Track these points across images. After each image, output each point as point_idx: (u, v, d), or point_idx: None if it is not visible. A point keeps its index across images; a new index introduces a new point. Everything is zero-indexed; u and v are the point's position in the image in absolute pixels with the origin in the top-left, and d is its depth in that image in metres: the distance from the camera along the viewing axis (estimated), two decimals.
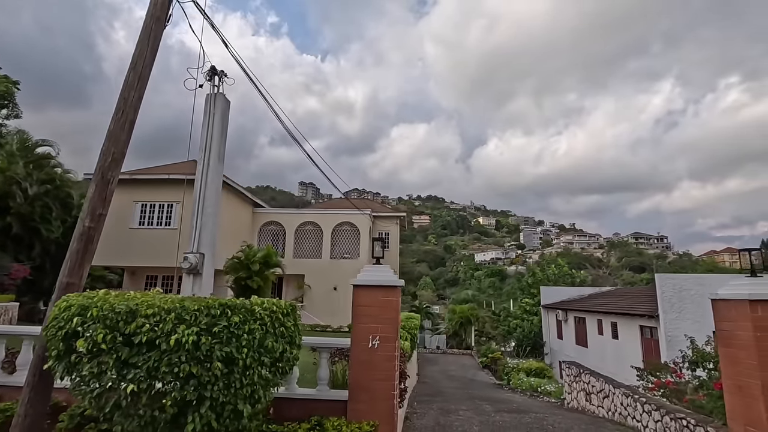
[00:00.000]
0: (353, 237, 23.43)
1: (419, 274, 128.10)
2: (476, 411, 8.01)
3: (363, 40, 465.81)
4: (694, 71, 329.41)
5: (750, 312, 4.40)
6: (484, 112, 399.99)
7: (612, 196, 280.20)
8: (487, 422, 7.12)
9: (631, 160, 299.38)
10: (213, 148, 5.89)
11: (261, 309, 3.51)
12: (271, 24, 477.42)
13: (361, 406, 4.40)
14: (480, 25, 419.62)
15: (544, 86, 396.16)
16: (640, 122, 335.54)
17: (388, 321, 4.54)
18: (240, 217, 21.72)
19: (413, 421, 7.10)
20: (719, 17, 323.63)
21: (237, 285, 16.95)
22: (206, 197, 5.77)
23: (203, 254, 5.59)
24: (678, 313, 14.75)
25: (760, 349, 4.31)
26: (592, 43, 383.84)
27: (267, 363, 3.47)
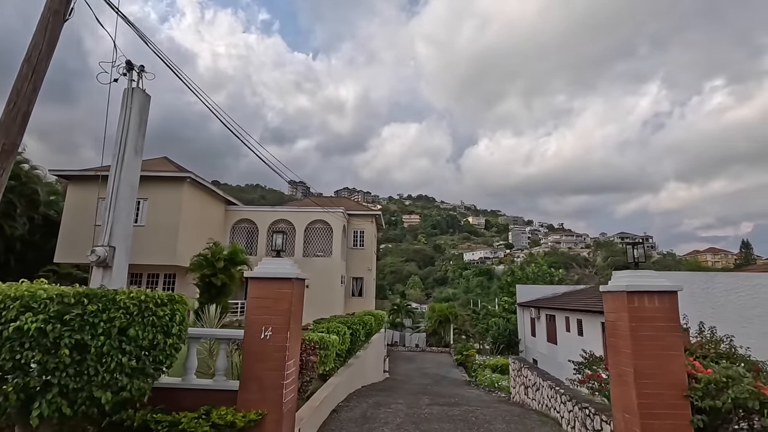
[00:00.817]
0: (326, 235, 23.46)
1: (408, 273, 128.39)
2: (410, 405, 8.13)
3: (354, 38, 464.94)
4: (680, 74, 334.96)
5: (627, 303, 4.56)
6: (474, 113, 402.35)
7: (600, 196, 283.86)
8: (413, 414, 7.24)
9: (619, 161, 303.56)
10: (129, 143, 5.91)
11: (126, 298, 3.57)
12: (262, 21, 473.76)
13: (252, 396, 4.47)
14: (471, 25, 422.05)
15: (533, 87, 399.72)
16: (628, 123, 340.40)
17: (281, 312, 4.61)
18: (210, 215, 21.62)
19: (340, 414, 7.19)
20: (705, 21, 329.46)
21: (202, 282, 16.89)
22: (120, 191, 5.78)
23: (114, 248, 5.60)
24: None
25: (634, 339, 4.48)
26: (580, 45, 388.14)
27: (131, 351, 3.52)
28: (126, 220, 5.87)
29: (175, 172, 19.05)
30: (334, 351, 7.20)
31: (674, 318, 4.54)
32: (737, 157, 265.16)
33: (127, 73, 5.96)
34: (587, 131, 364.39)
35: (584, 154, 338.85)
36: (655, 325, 4.49)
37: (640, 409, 4.33)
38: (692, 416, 4.25)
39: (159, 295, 3.89)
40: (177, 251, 18.43)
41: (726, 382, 4.18)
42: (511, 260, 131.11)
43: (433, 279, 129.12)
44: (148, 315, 3.70)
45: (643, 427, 4.28)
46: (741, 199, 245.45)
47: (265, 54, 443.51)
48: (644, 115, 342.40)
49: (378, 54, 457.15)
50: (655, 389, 4.35)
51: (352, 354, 9.64)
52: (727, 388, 4.12)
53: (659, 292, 4.56)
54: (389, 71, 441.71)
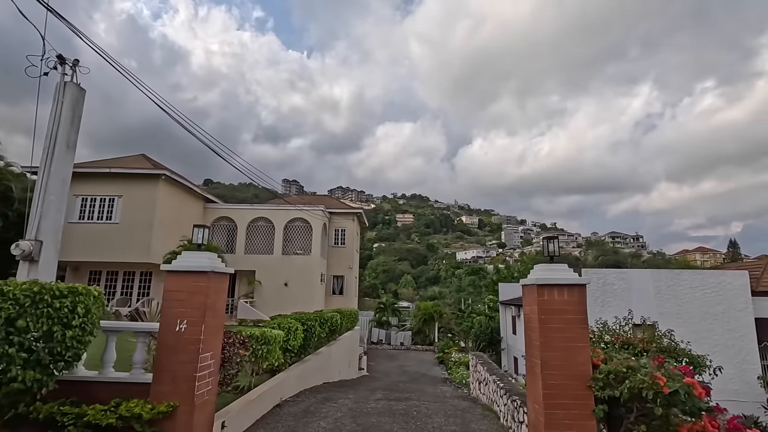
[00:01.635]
0: (306, 233, 23.45)
1: (401, 272, 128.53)
2: (359, 399, 8.18)
3: (349, 37, 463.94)
4: (671, 75, 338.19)
5: (537, 296, 4.64)
6: (468, 112, 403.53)
7: (593, 196, 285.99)
8: (356, 409, 7.30)
9: (611, 162, 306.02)
10: (61, 137, 5.89)
11: (17, 290, 3.58)
12: (256, 19, 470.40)
13: (164, 388, 4.49)
14: (465, 25, 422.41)
15: (526, 87, 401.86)
16: (620, 124, 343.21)
17: (197, 306, 4.63)
18: (188, 213, 21.52)
19: (283, 408, 7.23)
20: (694, 23, 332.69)
21: None
22: (49, 186, 5.75)
23: (41, 242, 5.58)
24: (601, 307, 15.20)
25: (542, 331, 4.56)
26: (573, 46, 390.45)
27: (20, 342, 3.54)
28: (56, 215, 5.84)
29: (150, 169, 18.96)
30: (277, 346, 7.22)
31: (582, 311, 4.61)
32: (727, 157, 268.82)
33: (59, 66, 5.94)
34: (580, 132, 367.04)
35: (577, 154, 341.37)
36: (563, 317, 4.56)
37: (545, 399, 4.41)
38: (595, 406, 4.34)
39: (58, 287, 3.90)
40: (151, 249, 18.35)
41: (626, 373, 4.26)
42: (503, 259, 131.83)
43: (426, 278, 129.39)
44: (43, 306, 3.71)
45: (547, 417, 4.36)
46: (730, 200, 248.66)
47: (259, 52, 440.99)
48: (636, 116, 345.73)
49: (372, 53, 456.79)
50: (561, 380, 4.43)
51: (309, 350, 9.66)
52: (626, 378, 4.21)
53: (569, 286, 4.63)
54: (383, 70, 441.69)
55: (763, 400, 13.37)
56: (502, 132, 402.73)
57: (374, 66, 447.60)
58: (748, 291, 14.80)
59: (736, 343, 14.44)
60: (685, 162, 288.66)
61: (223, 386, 5.29)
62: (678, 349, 7.93)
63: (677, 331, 15.27)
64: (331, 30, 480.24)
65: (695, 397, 4.01)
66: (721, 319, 14.61)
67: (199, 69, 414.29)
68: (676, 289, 14.93)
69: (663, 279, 15.11)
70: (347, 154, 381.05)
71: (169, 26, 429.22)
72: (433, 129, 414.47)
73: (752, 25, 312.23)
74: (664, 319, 14.97)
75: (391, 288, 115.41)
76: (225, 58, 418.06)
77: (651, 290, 14.99)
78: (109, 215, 18.79)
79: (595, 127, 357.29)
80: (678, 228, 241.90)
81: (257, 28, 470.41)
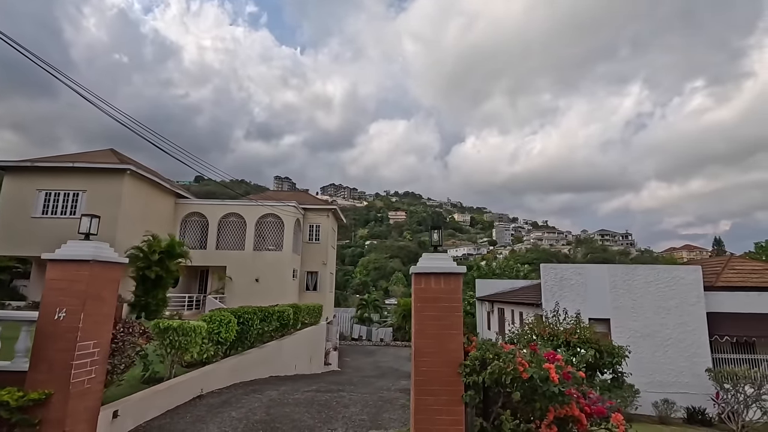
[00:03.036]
0: (277, 229, 23.43)
1: (392, 270, 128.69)
2: (287, 391, 8.23)
3: (342, 34, 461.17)
4: (661, 75, 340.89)
5: (415, 284, 4.71)
6: (462, 111, 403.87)
7: (584, 195, 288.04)
8: (277, 400, 7.35)
9: (602, 161, 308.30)
10: None
11: None
12: (249, 14, 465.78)
13: (40, 376, 4.51)
14: (457, 23, 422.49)
15: (518, 86, 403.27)
16: (611, 123, 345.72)
17: (76, 294, 4.65)
18: (157, 208, 21.40)
19: (204, 399, 7.28)
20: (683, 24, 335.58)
21: (137, 275, 16.80)
22: None
23: None
24: (559, 301, 15.37)
25: (418, 319, 4.64)
26: (564, 46, 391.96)
27: None
28: None
29: (115, 164, 18.82)
30: (198, 337, 7.24)
31: (457, 299, 4.69)
32: (715, 157, 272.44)
33: None
34: (572, 130, 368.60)
35: (568, 153, 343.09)
36: (438, 305, 4.63)
37: (415, 386, 4.49)
38: (464, 392, 4.42)
39: None
40: (116, 244, 18.14)
41: (491, 359, 4.35)
42: (493, 257, 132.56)
43: None
44: None
45: (417, 403, 4.44)
46: (719, 198, 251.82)
47: (252, 48, 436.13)
48: (627, 115, 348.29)
49: (366, 50, 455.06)
50: (432, 366, 4.50)
51: (247, 343, 9.69)
52: (489, 364, 4.29)
53: (445, 274, 4.70)
54: (377, 68, 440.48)
55: (712, 392, 13.63)
56: (495, 130, 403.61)
57: (368, 63, 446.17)
58: (700, 286, 15.05)
59: (687, 337, 14.69)
60: (674, 161, 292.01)
61: (114, 375, 5.31)
62: (600, 341, 8.09)
63: (632, 324, 15.58)
64: (324, 26, 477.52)
65: (550, 382, 4.10)
66: (674, 313, 14.86)
67: (191, 65, 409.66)
68: (631, 283, 15.14)
69: (618, 274, 15.31)
70: (340, 151, 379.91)
71: (161, 20, 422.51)
72: (427, 127, 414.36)
73: (739, 27, 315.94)
74: (619, 313, 15.27)
75: (382, 285, 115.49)
76: (217, 53, 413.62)
77: (606, 285, 15.19)
78: (74, 210, 18.65)
79: (586, 126, 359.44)
80: (668, 226, 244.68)
81: (250, 23, 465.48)
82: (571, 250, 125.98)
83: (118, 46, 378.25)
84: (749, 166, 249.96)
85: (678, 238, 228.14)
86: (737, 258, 21.56)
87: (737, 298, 15.50)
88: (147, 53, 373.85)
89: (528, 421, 4.44)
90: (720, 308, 15.33)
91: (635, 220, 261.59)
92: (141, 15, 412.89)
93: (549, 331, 8.29)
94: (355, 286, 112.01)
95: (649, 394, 14.10)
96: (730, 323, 14.98)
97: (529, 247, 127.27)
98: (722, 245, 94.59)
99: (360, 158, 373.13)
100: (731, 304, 15.42)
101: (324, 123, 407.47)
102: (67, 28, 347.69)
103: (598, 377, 8.77)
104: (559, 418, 4.46)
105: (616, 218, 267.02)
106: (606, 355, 8.03)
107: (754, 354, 15.69)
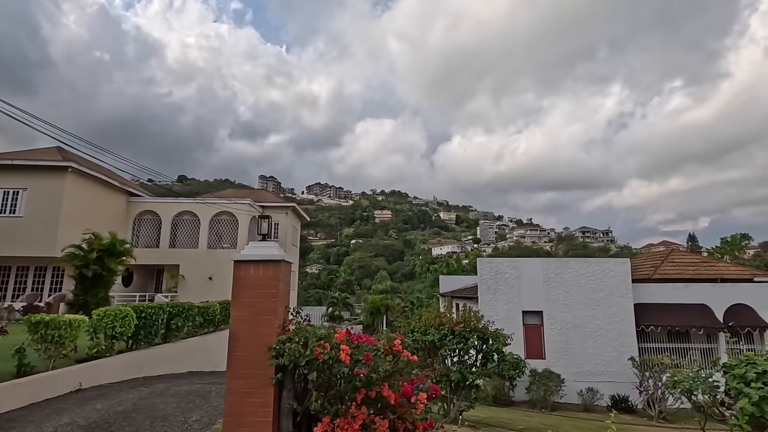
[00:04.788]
0: (232, 227, 23.36)
1: (376, 268, 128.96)
2: (174, 385, 8.30)
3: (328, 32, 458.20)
4: (640, 76, 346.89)
5: (235, 272, 4.83)
6: (447, 110, 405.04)
7: (568, 193, 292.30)
8: (159, 391, 7.42)
9: (585, 159, 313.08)
10: None
11: None
12: (234, 11, 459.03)
13: None
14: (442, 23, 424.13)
15: (501, 86, 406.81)
16: (594, 123, 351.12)
17: None
18: (106, 207, 21.13)
19: (85, 393, 7.30)
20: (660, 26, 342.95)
21: (76, 274, 16.62)
22: None
23: None
24: (493, 294, 15.71)
25: (236, 304, 4.75)
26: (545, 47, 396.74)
27: None
28: None
29: (56, 161, 18.55)
30: (77, 331, 7.26)
31: (275, 285, 4.82)
32: (692, 156, 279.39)
33: None
34: (555, 130, 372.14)
35: (552, 152, 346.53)
36: (256, 292, 4.76)
37: (229, 370, 4.60)
38: (274, 376, 4.56)
39: None
40: (57, 243, 17.96)
41: (298, 343, 4.49)
42: (477, 254, 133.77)
43: (402, 273, 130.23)
44: None
45: (229, 386, 4.54)
46: (696, 196, 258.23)
47: (236, 45, 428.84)
48: (609, 114, 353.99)
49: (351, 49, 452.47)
50: (246, 351, 4.62)
51: (152, 337, 9.69)
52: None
53: (264, 262, 4.83)
54: (363, 67, 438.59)
55: (637, 381, 14.07)
56: (480, 129, 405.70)
57: (353, 62, 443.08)
58: (628, 278, 15.49)
59: (615, 327, 15.12)
60: (654, 160, 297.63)
61: None
62: (488, 329, 8.34)
63: (563, 316, 15.95)
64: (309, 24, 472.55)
65: (341, 363, 4.26)
66: (604, 304, 15.27)
67: (174, 63, 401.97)
68: (564, 276, 15.50)
69: (551, 267, 15.67)
70: (327, 150, 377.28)
71: (143, 17, 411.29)
72: (414, 126, 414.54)
73: (715, 29, 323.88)
74: (552, 305, 15.64)
75: (366, 284, 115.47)
76: (201, 51, 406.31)
77: (540, 278, 15.53)
78: (13, 208, 18.34)
79: (569, 126, 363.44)
80: (650, 223, 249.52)
81: (235, 20, 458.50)
82: (552, 247, 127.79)
83: (99, 43, 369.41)
84: (724, 165, 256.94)
85: (659, 235, 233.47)
86: (678, 251, 22.24)
87: (665, 289, 16.02)
88: (129, 51, 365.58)
89: (343, 402, 4.60)
90: (649, 299, 15.83)
91: (618, 217, 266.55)
92: (122, 11, 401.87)
93: (439, 321, 8.51)
94: (339, 285, 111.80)
95: (577, 384, 14.49)
96: (657, 314, 15.46)
97: (512, 244, 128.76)
98: (696, 241, 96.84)
99: (347, 157, 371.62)
100: (660, 296, 15.93)
101: (310, 122, 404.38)
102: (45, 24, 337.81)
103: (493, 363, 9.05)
104: (371, 399, 4.64)
105: (599, 216, 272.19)
106: (491, 343, 8.27)
107: (689, 343, 16.24)
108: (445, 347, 8.08)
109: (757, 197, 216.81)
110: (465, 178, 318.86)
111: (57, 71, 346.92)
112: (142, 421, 5.78)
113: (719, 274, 18.49)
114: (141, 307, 9.25)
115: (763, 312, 15.45)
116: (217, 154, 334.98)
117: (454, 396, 8.31)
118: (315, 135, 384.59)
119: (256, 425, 4.51)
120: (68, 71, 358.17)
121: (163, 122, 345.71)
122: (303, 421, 4.75)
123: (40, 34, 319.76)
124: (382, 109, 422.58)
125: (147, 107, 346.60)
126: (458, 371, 7.86)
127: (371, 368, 4.42)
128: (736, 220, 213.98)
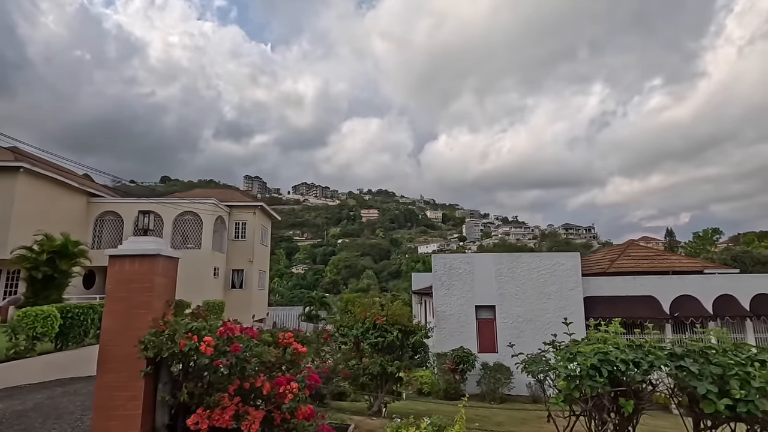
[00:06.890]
0: (196, 227, 23.14)
1: (362, 268, 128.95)
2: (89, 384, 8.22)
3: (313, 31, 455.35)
4: (620, 74, 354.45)
5: (110, 267, 4.84)
6: (433, 109, 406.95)
7: (552, 190, 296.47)
8: (72, 390, 7.38)
9: (569, 158, 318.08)
10: None
11: None
12: (218, 8, 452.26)
13: None
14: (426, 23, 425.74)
15: (485, 86, 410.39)
16: (577, 122, 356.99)
17: None
18: (63, 206, 20.72)
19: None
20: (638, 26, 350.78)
21: (26, 276, 16.29)
22: None
23: None
24: (447, 290, 15.89)
25: (110, 300, 4.76)
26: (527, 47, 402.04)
27: None
28: None
29: (7, 161, 18.14)
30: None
31: (149, 279, 4.83)
32: (671, 153, 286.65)
33: None
34: (539, 128, 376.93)
35: (537, 150, 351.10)
36: (129, 286, 4.77)
37: (99, 365, 4.61)
38: (145, 369, 4.58)
39: None
40: (9, 245, 17.58)
41: (167, 336, 4.53)
42: (462, 252, 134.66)
43: (388, 272, 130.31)
44: None
45: (99, 380, 4.57)
46: (676, 193, 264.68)
47: (221, 44, 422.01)
48: (591, 113, 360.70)
49: (336, 48, 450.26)
50: (117, 345, 4.63)
51: (82, 338, 9.59)
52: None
53: (139, 256, 4.84)
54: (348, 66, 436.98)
55: None
56: (466, 129, 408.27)
57: (338, 61, 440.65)
58: (578, 272, 15.82)
59: None
60: (635, 157, 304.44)
61: None
62: (407, 323, 8.50)
63: (516, 310, 16.21)
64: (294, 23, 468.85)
65: (201, 354, 4.31)
66: (554, 298, 15.57)
67: (157, 62, 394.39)
68: (515, 271, 15.77)
69: (504, 262, 15.91)
70: (313, 150, 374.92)
71: (123, 14, 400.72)
72: (400, 125, 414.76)
73: (692, 29, 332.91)
74: (504, 299, 15.88)
75: (352, 283, 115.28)
76: (185, 50, 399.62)
77: (492, 273, 15.76)
78: None
79: (553, 124, 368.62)
80: (633, 219, 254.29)
81: (219, 17, 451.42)
82: (536, 243, 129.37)
83: (79, 42, 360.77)
84: (701, 162, 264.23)
85: (641, 231, 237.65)
86: (635, 245, 22.77)
87: (614, 282, 16.42)
88: (110, 50, 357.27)
89: (211, 393, 4.64)
90: (599, 292, 16.21)
91: (602, 214, 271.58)
92: (102, 9, 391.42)
93: (363, 316, 8.62)
94: (325, 285, 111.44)
95: (527, 377, 14.74)
96: (606, 306, 15.83)
97: (497, 242, 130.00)
98: (673, 236, 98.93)
99: (333, 157, 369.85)
100: (610, 288, 16.32)
101: (296, 121, 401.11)
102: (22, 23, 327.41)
103: (420, 355, 9.22)
104: (245, 390, 4.69)
105: (583, 213, 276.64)
106: (411, 336, 8.41)
107: (643, 335, 16.65)
108: (367, 340, 8.19)
109: (733, 193, 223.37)
110: (452, 176, 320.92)
111: (36, 71, 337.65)
112: (35, 419, 5.75)
113: (671, 266, 19.04)
114: (68, 306, 9.14)
115: (707, 302, 15.96)
116: (202, 154, 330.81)
117: (379, 389, 8.43)
118: (301, 135, 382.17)
119: (126, 419, 4.53)
120: (48, 71, 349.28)
121: (147, 123, 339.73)
122: (180, 413, 4.78)
123: (16, 33, 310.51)
124: (369, 108, 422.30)
125: (129, 107, 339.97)
126: (378, 364, 7.96)
127: (239, 359, 4.49)
128: (714, 215, 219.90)
